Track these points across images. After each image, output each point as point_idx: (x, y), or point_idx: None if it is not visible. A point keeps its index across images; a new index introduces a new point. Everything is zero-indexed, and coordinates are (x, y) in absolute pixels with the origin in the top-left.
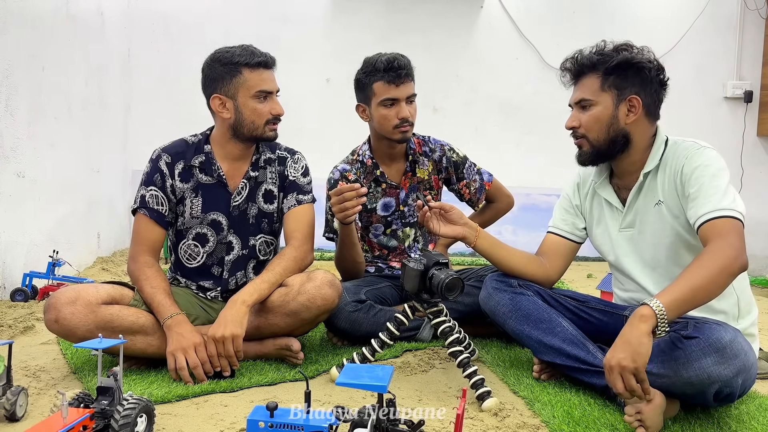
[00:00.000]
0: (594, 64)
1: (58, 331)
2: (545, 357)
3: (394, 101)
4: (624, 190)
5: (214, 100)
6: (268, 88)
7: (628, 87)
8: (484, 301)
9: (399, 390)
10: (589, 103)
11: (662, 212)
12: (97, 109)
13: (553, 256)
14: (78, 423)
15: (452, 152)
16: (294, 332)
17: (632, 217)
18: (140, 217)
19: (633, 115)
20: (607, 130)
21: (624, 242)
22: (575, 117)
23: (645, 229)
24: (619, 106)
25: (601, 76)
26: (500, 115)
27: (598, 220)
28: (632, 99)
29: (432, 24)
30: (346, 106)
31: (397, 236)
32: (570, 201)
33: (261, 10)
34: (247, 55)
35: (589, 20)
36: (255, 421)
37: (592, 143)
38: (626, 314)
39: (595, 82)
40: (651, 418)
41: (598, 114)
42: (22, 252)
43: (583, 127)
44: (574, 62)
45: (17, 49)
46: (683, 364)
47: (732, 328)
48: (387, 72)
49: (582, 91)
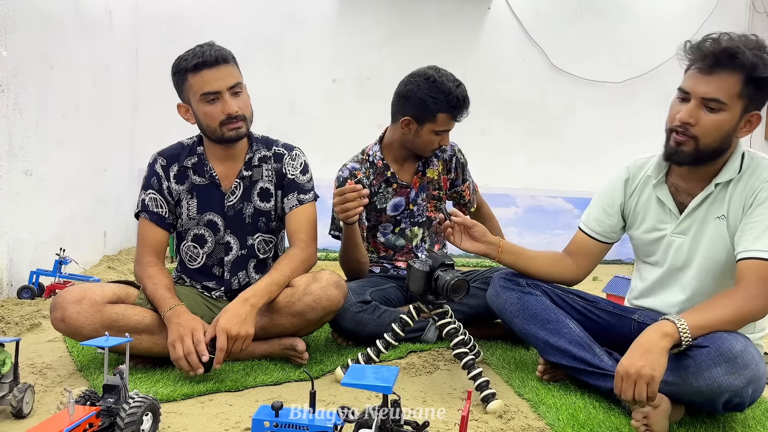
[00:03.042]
0: (746, 64)
1: (65, 330)
2: (551, 357)
3: (443, 132)
4: (684, 194)
5: (179, 108)
6: (211, 89)
7: (756, 100)
8: (492, 299)
9: (404, 391)
10: (719, 106)
11: (721, 228)
12: (104, 108)
13: (583, 256)
14: (84, 420)
15: (460, 153)
16: (299, 332)
17: (689, 224)
18: (142, 220)
19: (747, 130)
20: (722, 140)
21: (672, 247)
22: (693, 112)
23: (699, 240)
24: (743, 118)
25: (743, 81)
26: (507, 116)
27: (643, 218)
28: (754, 115)
29: (439, 25)
30: (351, 106)
31: (405, 235)
32: (613, 198)
33: (268, 11)
34: (190, 58)
35: (596, 22)
36: (260, 421)
37: (700, 148)
38: (636, 318)
39: (735, 85)
40: (657, 423)
41: (724, 121)
42: (29, 250)
43: (700, 127)
44: (724, 50)
45: (26, 48)
46: (693, 373)
47: (743, 337)
48: (453, 107)
49: (716, 88)
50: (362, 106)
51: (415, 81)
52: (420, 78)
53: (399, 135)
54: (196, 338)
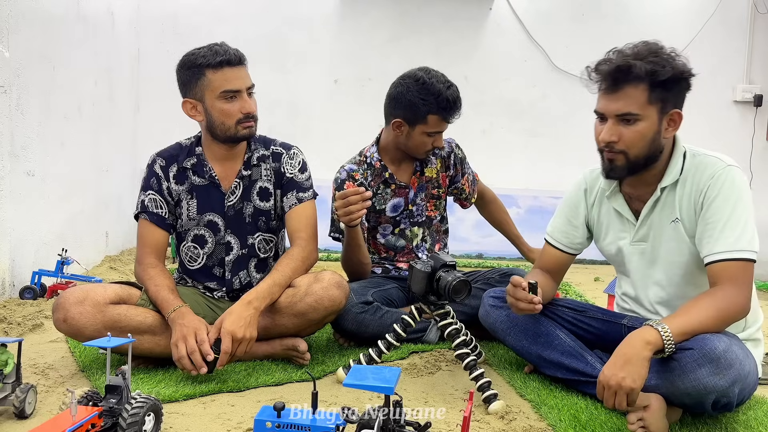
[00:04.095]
0: (645, 74)
1: (67, 330)
2: (547, 371)
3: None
4: (637, 201)
5: (185, 104)
6: (233, 87)
7: (671, 100)
8: (483, 319)
9: (405, 392)
10: (634, 118)
11: (679, 230)
12: (106, 108)
13: (557, 272)
14: (86, 421)
15: (458, 148)
16: (301, 333)
17: (646, 231)
18: (142, 221)
19: (673, 129)
20: (649, 147)
21: (636, 256)
22: (613, 130)
23: (659, 246)
24: (662, 120)
25: (649, 88)
26: (508, 117)
27: (606, 230)
28: (674, 114)
29: (440, 26)
30: (353, 107)
31: (405, 236)
32: (575, 210)
33: (270, 12)
34: (210, 55)
35: (597, 23)
36: (262, 421)
37: (630, 159)
38: (625, 323)
39: (642, 95)
40: (654, 423)
41: (643, 130)
42: (31, 250)
43: (623, 142)
44: (618, 68)
45: (28, 49)
46: (678, 376)
47: (727, 337)
48: (444, 109)
49: (626, 102)
50: (364, 106)
51: (405, 83)
52: (410, 80)
53: (393, 137)
54: (199, 338)
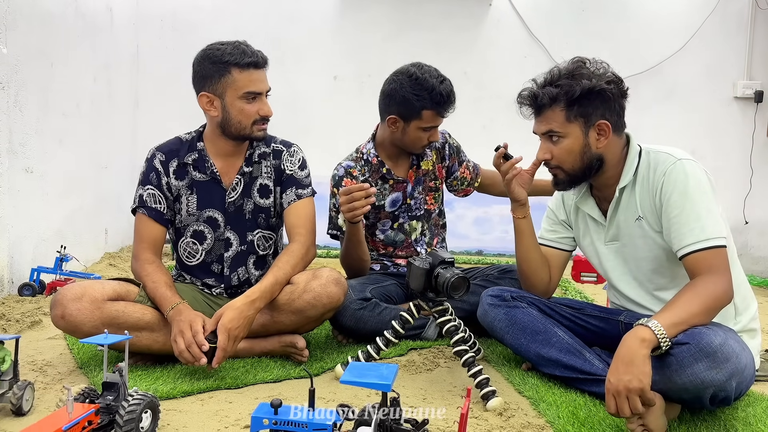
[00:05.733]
0: (554, 98)
1: (65, 327)
2: (545, 370)
3: (431, 128)
4: (605, 203)
5: (201, 97)
6: (257, 89)
7: (593, 113)
8: (481, 318)
9: (403, 389)
10: (558, 135)
11: (644, 227)
12: (105, 105)
13: (553, 267)
14: (83, 418)
15: (452, 138)
16: (299, 330)
17: (615, 230)
18: (140, 216)
19: (604, 138)
20: (581, 159)
21: (611, 255)
22: (546, 149)
23: (629, 243)
24: (589, 133)
25: (565, 108)
26: (508, 113)
27: (584, 233)
28: (601, 124)
29: (440, 22)
30: (353, 104)
31: (404, 230)
32: (556, 215)
33: (269, 8)
34: (238, 54)
35: (598, 19)
36: (259, 418)
37: (568, 172)
38: (622, 320)
39: (560, 115)
40: (653, 421)
41: (569, 146)
42: (30, 247)
43: (556, 159)
44: (533, 98)
45: (26, 45)
46: (675, 371)
47: (723, 330)
48: (438, 103)
49: (548, 123)
50: (364, 103)
51: (398, 79)
52: (403, 76)
53: (388, 133)
54: (193, 329)
